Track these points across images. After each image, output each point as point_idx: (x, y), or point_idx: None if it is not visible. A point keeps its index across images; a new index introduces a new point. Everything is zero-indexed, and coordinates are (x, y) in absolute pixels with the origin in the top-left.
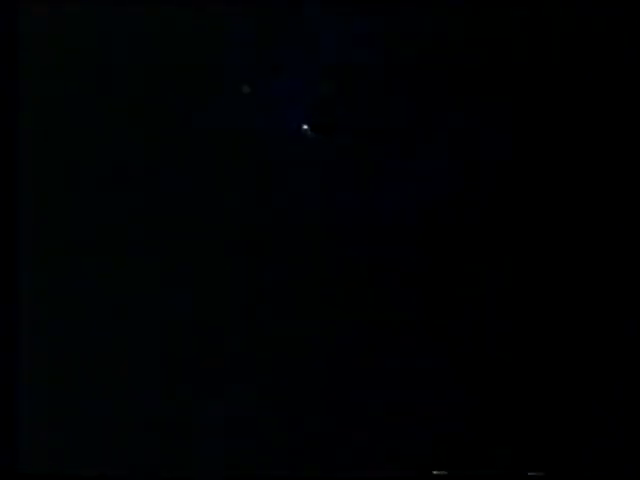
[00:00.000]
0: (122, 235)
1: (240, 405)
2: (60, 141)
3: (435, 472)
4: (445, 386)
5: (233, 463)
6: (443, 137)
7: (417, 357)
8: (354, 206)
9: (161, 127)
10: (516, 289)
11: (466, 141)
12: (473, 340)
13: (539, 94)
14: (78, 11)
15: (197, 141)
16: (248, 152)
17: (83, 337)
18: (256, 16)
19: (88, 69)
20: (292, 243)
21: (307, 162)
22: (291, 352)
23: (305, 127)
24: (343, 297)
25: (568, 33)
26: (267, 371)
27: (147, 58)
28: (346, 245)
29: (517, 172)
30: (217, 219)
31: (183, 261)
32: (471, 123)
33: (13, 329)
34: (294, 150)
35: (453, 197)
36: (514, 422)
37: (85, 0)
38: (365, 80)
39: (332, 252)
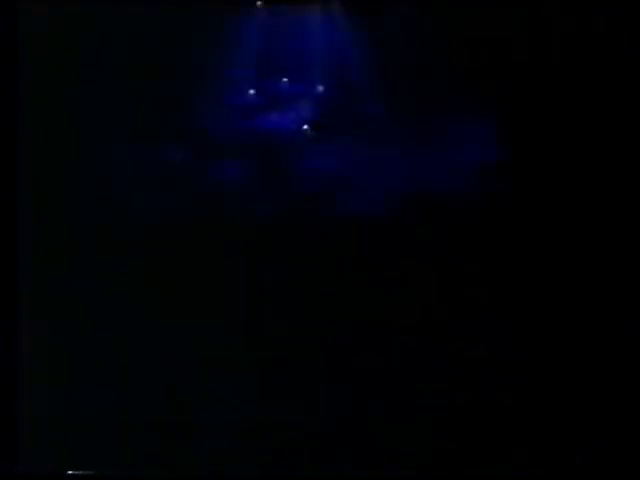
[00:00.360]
0: (122, 235)
1: (239, 405)
2: (60, 140)
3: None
4: (445, 386)
5: (233, 463)
6: (443, 135)
7: (417, 357)
8: (354, 205)
9: (162, 127)
10: (516, 291)
11: (466, 141)
12: (473, 340)
13: (539, 94)
14: (78, 11)
15: (199, 141)
16: (251, 152)
17: (83, 337)
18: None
19: (88, 69)
20: (292, 242)
21: (308, 160)
22: (290, 352)
23: (305, 127)
24: (343, 297)
25: (568, 33)
26: (267, 371)
27: (147, 58)
28: (345, 243)
29: (517, 172)
30: (217, 218)
31: (183, 261)
32: (471, 123)
33: (13, 330)
34: (296, 149)
35: (453, 197)
36: (514, 422)
37: (85, 0)
38: (365, 79)
39: (332, 251)
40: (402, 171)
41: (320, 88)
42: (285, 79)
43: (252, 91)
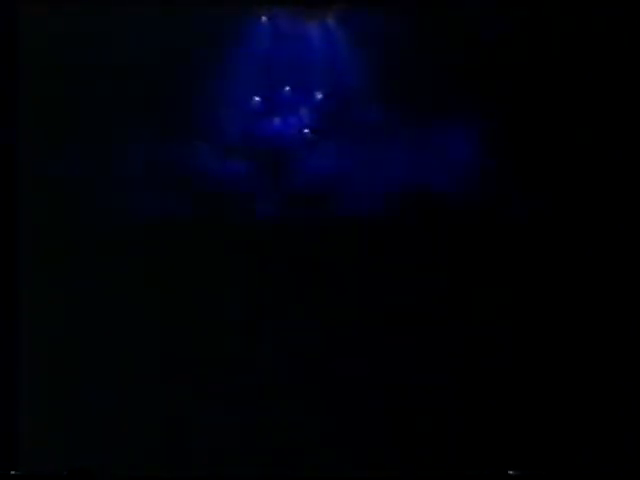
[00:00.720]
0: (122, 236)
1: (238, 405)
2: (60, 140)
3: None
4: (443, 384)
5: (233, 463)
6: (433, 139)
7: (419, 358)
8: (350, 204)
9: (162, 127)
10: (511, 291)
11: (455, 144)
12: (475, 343)
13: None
14: (78, 11)
15: (201, 144)
16: (254, 154)
17: (83, 339)
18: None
19: (87, 69)
20: (293, 242)
21: (309, 161)
22: (290, 353)
23: (306, 131)
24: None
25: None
26: (267, 370)
27: (149, 59)
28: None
29: (518, 173)
30: (217, 220)
31: (187, 260)
32: (461, 127)
33: (13, 332)
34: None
35: (444, 197)
36: (516, 422)
37: (85, 0)
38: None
39: (329, 249)
40: (395, 172)
41: (319, 96)
42: (287, 87)
43: (257, 98)
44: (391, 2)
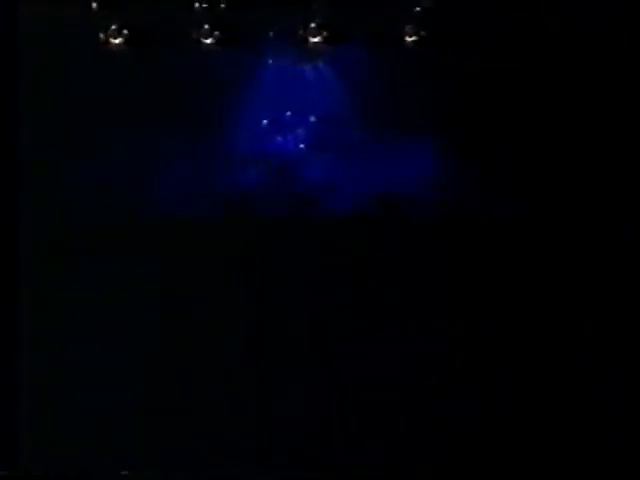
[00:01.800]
0: (122, 238)
1: (238, 405)
2: (60, 140)
3: None
4: (448, 387)
5: (233, 463)
6: (405, 152)
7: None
8: (341, 206)
9: (163, 128)
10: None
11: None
12: (474, 341)
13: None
14: (77, 11)
15: (211, 151)
16: (261, 165)
17: (83, 338)
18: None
19: (87, 69)
20: (294, 244)
21: (305, 170)
22: (290, 353)
23: (302, 146)
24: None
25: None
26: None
27: (152, 60)
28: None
29: (499, 178)
30: (220, 219)
31: (185, 263)
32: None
33: (13, 332)
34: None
35: (435, 203)
36: (519, 424)
37: (84, 1)
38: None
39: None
40: (378, 180)
41: (313, 119)
42: (288, 112)
43: (264, 120)
44: (373, 42)
